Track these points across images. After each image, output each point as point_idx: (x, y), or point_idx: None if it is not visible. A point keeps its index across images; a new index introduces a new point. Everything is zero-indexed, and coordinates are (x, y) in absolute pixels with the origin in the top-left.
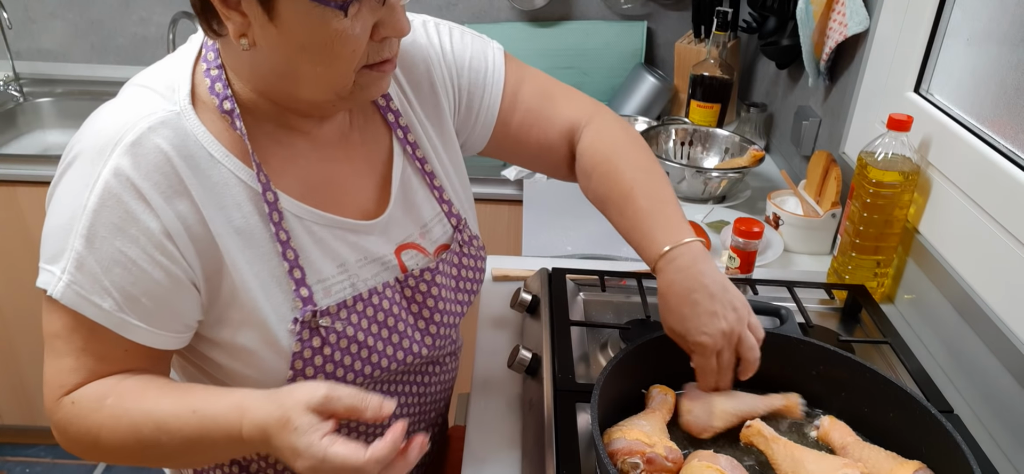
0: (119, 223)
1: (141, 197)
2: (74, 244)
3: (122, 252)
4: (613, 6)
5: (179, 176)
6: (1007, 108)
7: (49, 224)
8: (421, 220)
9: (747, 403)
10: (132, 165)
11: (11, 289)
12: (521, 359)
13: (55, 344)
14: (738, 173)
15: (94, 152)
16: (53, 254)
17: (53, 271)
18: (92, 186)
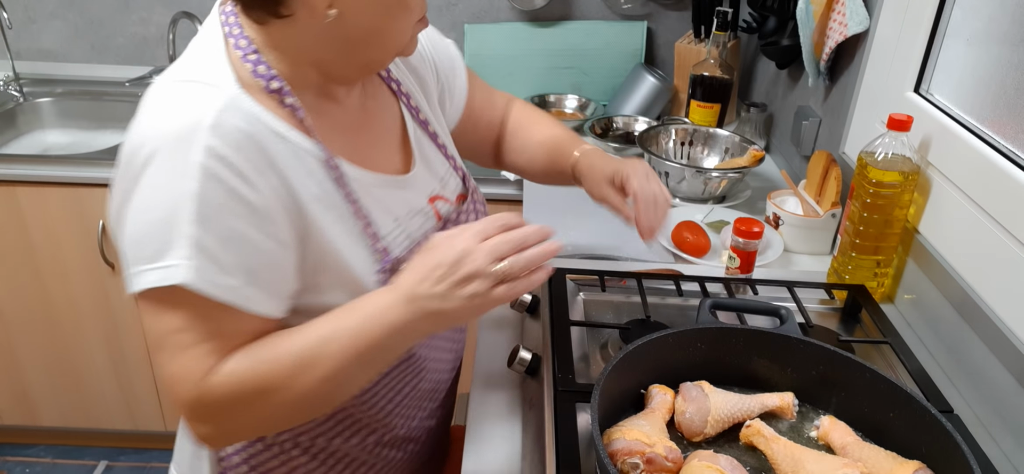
0: (225, 201)
1: (239, 173)
2: (186, 231)
3: (233, 229)
4: (613, 6)
5: (261, 151)
6: (1007, 108)
7: (138, 225)
8: (438, 174)
9: (742, 404)
10: (222, 145)
11: (11, 289)
12: (521, 359)
13: (179, 338)
14: (738, 173)
15: (175, 142)
16: (158, 250)
17: (166, 265)
18: (188, 172)
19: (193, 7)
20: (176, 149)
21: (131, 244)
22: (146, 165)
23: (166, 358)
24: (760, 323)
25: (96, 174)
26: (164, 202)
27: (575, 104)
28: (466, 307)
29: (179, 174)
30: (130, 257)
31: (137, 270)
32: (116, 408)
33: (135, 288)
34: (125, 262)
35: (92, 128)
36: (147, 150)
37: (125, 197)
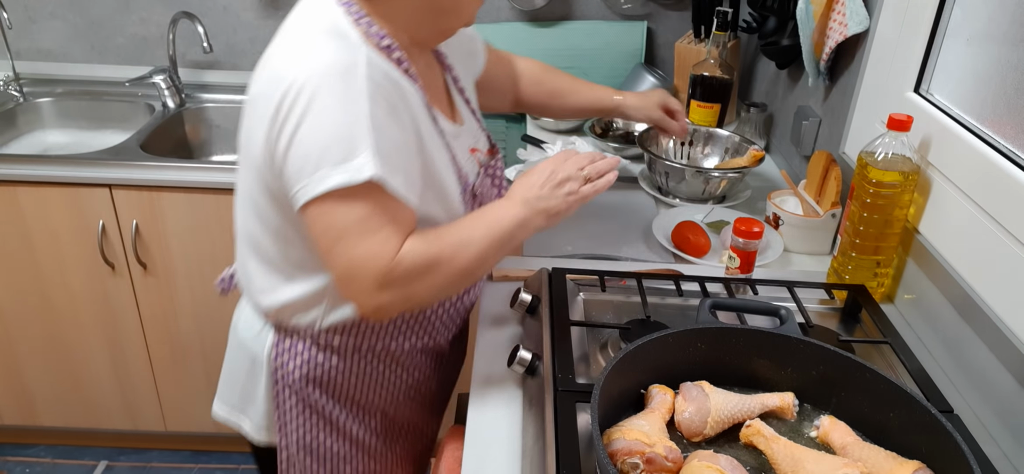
0: (386, 119)
1: (389, 100)
2: (367, 138)
3: (394, 139)
4: (613, 6)
5: (396, 87)
6: (1007, 108)
7: (320, 140)
8: (472, 131)
9: (742, 404)
10: (375, 78)
11: (11, 289)
12: (521, 359)
13: (366, 225)
14: (738, 173)
15: (340, 76)
16: (345, 154)
17: (354, 165)
18: (358, 98)
19: (193, 7)
20: (343, 81)
21: (312, 157)
22: (315, 96)
23: (352, 244)
24: (760, 323)
25: (96, 174)
26: (343, 120)
27: None
28: (565, 202)
29: (351, 99)
30: (310, 167)
31: (321, 175)
32: (116, 408)
33: (320, 190)
34: (296, 176)
35: (92, 128)
36: (312, 85)
37: (296, 124)
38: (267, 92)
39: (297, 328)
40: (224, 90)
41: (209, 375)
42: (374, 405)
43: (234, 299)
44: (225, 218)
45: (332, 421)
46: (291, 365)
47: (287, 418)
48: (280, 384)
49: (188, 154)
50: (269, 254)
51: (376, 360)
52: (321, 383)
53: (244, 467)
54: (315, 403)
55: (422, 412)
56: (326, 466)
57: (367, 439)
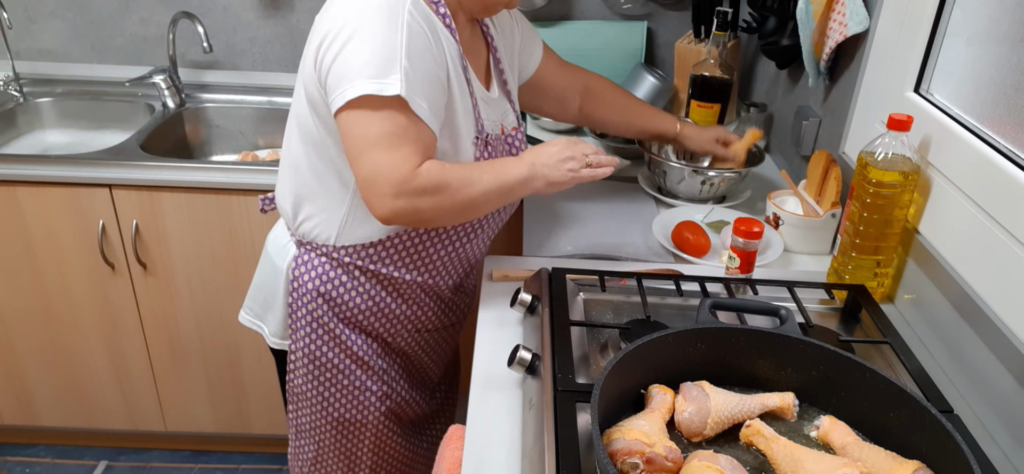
0: (422, 51)
1: (426, 37)
2: (402, 63)
3: (427, 71)
4: (613, 6)
5: (434, 30)
6: (1007, 108)
7: (361, 55)
8: (502, 108)
9: (742, 404)
10: (418, 16)
11: (11, 289)
12: (521, 359)
13: (391, 139)
14: (738, 173)
15: (387, 10)
16: (379, 71)
17: (386, 82)
18: (399, 28)
19: (193, 7)
20: (388, 14)
21: (352, 68)
22: (362, 24)
23: (379, 153)
24: (760, 323)
25: (96, 174)
26: (382, 44)
27: None
28: (566, 175)
29: (394, 29)
30: (349, 76)
31: (357, 84)
32: (116, 408)
33: (353, 94)
34: (336, 83)
35: (92, 128)
36: (361, 15)
37: (343, 42)
38: (325, 20)
39: (315, 244)
40: (224, 90)
41: (209, 375)
42: (375, 329)
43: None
44: (225, 218)
45: (335, 335)
46: (306, 278)
47: (297, 326)
48: (295, 295)
49: (188, 154)
50: (301, 169)
51: (380, 286)
52: (329, 299)
53: (244, 467)
54: (321, 317)
55: (422, 346)
56: (326, 373)
57: (368, 356)
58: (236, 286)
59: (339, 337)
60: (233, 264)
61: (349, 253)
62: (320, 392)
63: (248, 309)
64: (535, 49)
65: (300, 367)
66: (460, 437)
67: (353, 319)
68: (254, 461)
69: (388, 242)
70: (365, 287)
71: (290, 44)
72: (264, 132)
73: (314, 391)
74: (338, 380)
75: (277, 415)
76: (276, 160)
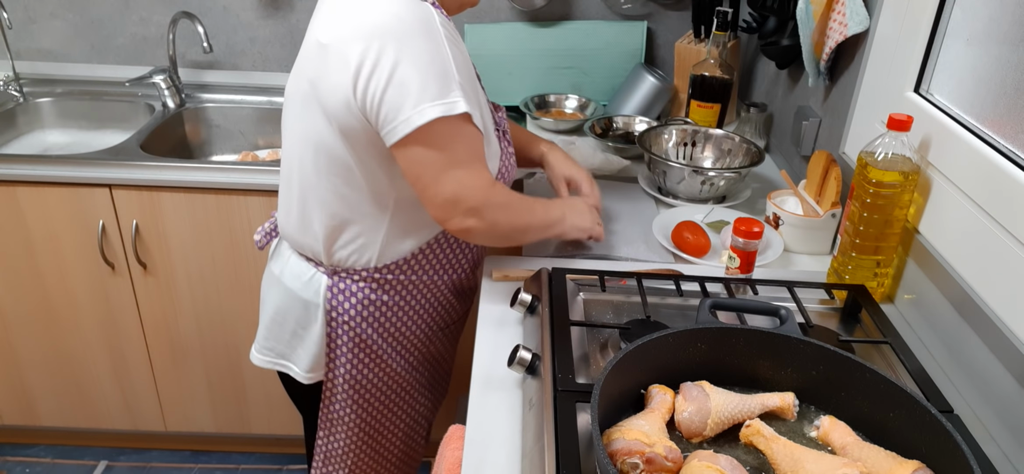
0: (464, 58)
1: (460, 42)
2: (455, 78)
3: (469, 77)
4: (613, 6)
5: (457, 34)
6: (1007, 108)
7: (417, 78)
8: None
9: (743, 404)
10: (447, 25)
11: (11, 289)
12: (521, 359)
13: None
14: (738, 173)
15: (422, 21)
16: (440, 91)
17: (449, 100)
18: (441, 41)
19: (193, 7)
20: (425, 29)
21: (413, 94)
22: (405, 44)
23: (460, 172)
24: (760, 323)
25: (96, 174)
26: (435, 62)
27: (575, 104)
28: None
29: (436, 45)
30: (410, 102)
31: (425, 109)
32: (116, 408)
33: (423, 120)
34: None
35: (92, 128)
36: (399, 33)
37: (391, 67)
38: (347, 36)
39: (352, 270)
40: (224, 90)
41: (209, 375)
42: (414, 337)
43: (232, 295)
44: (225, 218)
45: (376, 355)
46: (346, 305)
47: (337, 353)
48: (334, 323)
49: (188, 154)
50: (328, 201)
51: (418, 294)
52: (372, 319)
53: (244, 467)
54: (366, 338)
55: (446, 342)
56: (363, 396)
57: (399, 373)
58: (236, 286)
59: (381, 357)
60: (233, 264)
61: (391, 269)
62: (359, 415)
63: (267, 349)
64: None
65: (339, 393)
66: (460, 437)
67: (395, 333)
68: (254, 461)
69: (427, 249)
70: (404, 299)
71: (290, 44)
72: (264, 132)
73: (354, 414)
74: (377, 398)
75: (277, 415)
76: (276, 160)
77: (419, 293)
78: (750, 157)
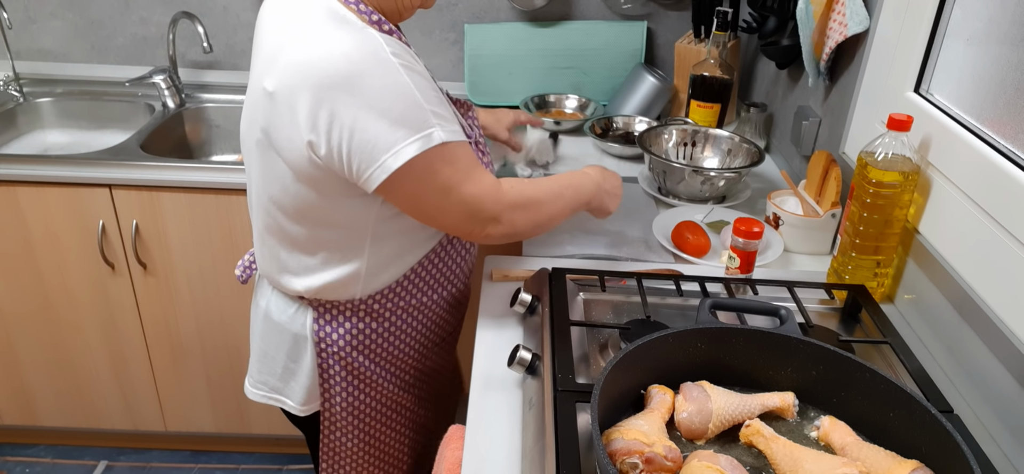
0: (422, 82)
1: (411, 61)
2: (427, 107)
3: (435, 95)
4: (613, 6)
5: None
6: (1007, 108)
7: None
8: None
9: (743, 404)
10: (397, 52)
11: (11, 289)
12: (521, 359)
13: (456, 177)
14: (737, 173)
15: (370, 54)
16: (415, 124)
17: (429, 132)
18: (398, 74)
19: (193, 7)
20: (378, 65)
21: (383, 137)
22: (359, 84)
23: (462, 191)
24: (760, 323)
25: (96, 174)
26: (400, 95)
27: (575, 104)
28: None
29: (395, 78)
30: (382, 146)
31: (400, 150)
32: (116, 408)
33: (401, 163)
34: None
35: (92, 128)
36: (350, 68)
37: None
38: (298, 83)
39: (336, 303)
40: (224, 90)
41: (209, 375)
42: (408, 358)
43: (231, 295)
44: (225, 218)
45: (370, 381)
46: (335, 336)
47: (330, 383)
48: (324, 355)
49: (188, 154)
50: (301, 243)
51: (409, 316)
52: (362, 347)
53: (244, 467)
54: (359, 367)
55: (442, 354)
56: (363, 422)
57: (397, 394)
58: (236, 286)
59: (375, 382)
60: (233, 264)
61: (376, 300)
62: (361, 443)
63: (260, 383)
64: None
65: (338, 423)
66: (460, 437)
67: (389, 358)
68: (254, 461)
69: (413, 274)
70: (396, 324)
71: None
72: None
73: (355, 443)
74: (377, 423)
75: (277, 415)
76: None
77: (410, 316)
78: (750, 157)
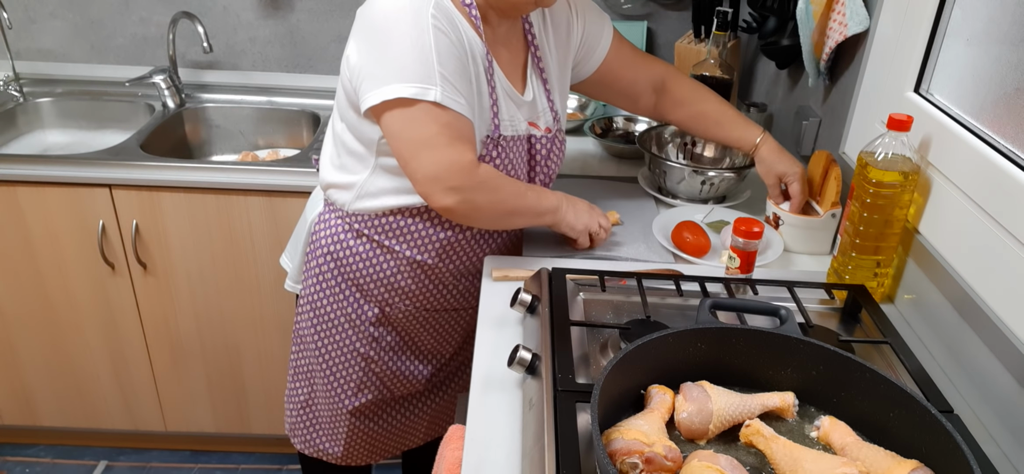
0: (450, 48)
1: (452, 33)
2: (435, 66)
3: (458, 67)
4: (613, 6)
5: (457, 29)
6: (1007, 108)
7: (397, 55)
8: (538, 108)
9: (743, 404)
10: (440, 17)
11: (11, 289)
12: (521, 359)
13: (441, 138)
14: (738, 173)
15: (413, 13)
16: (417, 75)
17: (427, 86)
18: (426, 33)
19: (193, 7)
20: (414, 15)
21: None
22: (389, 28)
23: (438, 151)
24: (760, 323)
25: (96, 174)
26: (414, 44)
27: (575, 104)
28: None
29: (421, 31)
30: (382, 77)
31: (395, 86)
32: (116, 408)
33: (392, 95)
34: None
35: (92, 128)
36: (387, 18)
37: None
38: (361, 13)
39: (334, 204)
40: (224, 90)
41: (209, 375)
42: (374, 294)
43: (232, 295)
44: (225, 218)
45: (335, 293)
46: (323, 234)
47: (308, 274)
48: (312, 247)
49: (188, 154)
50: (335, 136)
51: (385, 257)
52: (337, 258)
53: (244, 467)
54: (327, 273)
55: (421, 323)
56: (323, 324)
57: (360, 320)
58: (236, 286)
59: (339, 295)
60: (233, 264)
61: (359, 220)
62: (317, 340)
63: (287, 251)
64: (599, 44)
65: (305, 312)
66: (460, 437)
67: (355, 281)
68: (254, 461)
69: (393, 217)
70: (370, 255)
71: (290, 44)
72: (264, 132)
73: (313, 337)
74: (332, 334)
75: (277, 415)
76: (276, 160)
77: (386, 256)
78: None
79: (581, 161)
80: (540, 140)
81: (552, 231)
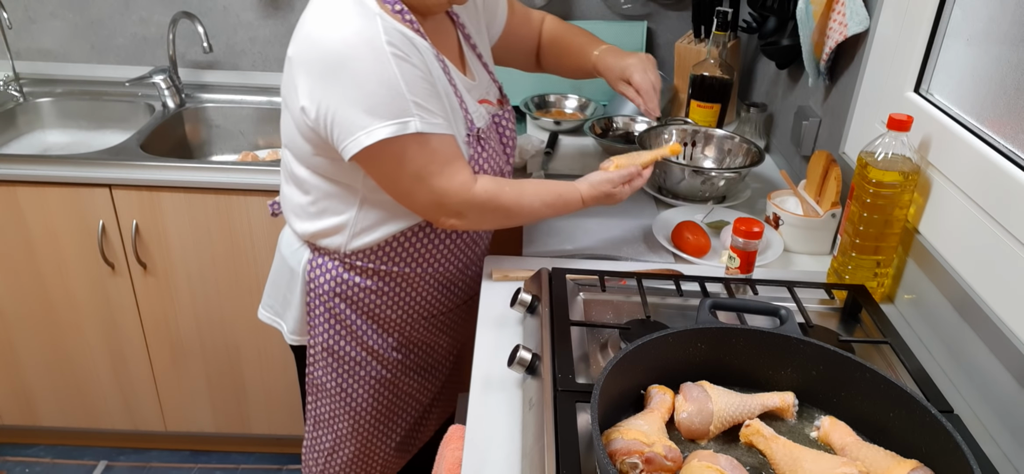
0: (415, 73)
1: (408, 49)
2: (407, 95)
3: (426, 86)
4: (613, 6)
5: (410, 44)
6: (1007, 108)
7: (366, 95)
8: (483, 84)
9: (743, 404)
10: (394, 41)
11: (11, 289)
12: (521, 359)
13: (430, 168)
14: (738, 173)
15: (367, 40)
16: (392, 111)
17: (405, 119)
18: (387, 63)
19: (193, 7)
20: (369, 48)
21: (364, 113)
22: (349, 64)
23: (433, 181)
24: (760, 323)
25: (96, 174)
26: (380, 81)
27: (575, 104)
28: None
29: (382, 64)
30: (359, 123)
31: (375, 130)
32: (116, 408)
33: (373, 141)
34: (347, 132)
35: (92, 128)
36: (344, 53)
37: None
38: (303, 54)
39: (327, 249)
40: (224, 90)
41: (209, 375)
42: (391, 321)
43: (231, 295)
44: (225, 218)
45: (352, 330)
46: (321, 279)
47: (315, 322)
48: (312, 294)
49: (188, 154)
50: (303, 187)
51: (393, 282)
52: (346, 297)
53: (244, 467)
54: (340, 313)
55: (432, 329)
56: (344, 366)
57: (383, 350)
58: (236, 286)
59: (356, 331)
60: (233, 264)
61: (359, 257)
62: (339, 383)
63: (267, 306)
64: (499, 5)
65: (320, 360)
66: (460, 437)
67: (369, 312)
68: (254, 461)
69: (394, 242)
70: (377, 284)
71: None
72: (264, 132)
73: (334, 382)
74: (355, 371)
75: (277, 415)
76: (276, 160)
77: (393, 281)
78: (750, 157)
79: (581, 161)
80: (501, 116)
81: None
